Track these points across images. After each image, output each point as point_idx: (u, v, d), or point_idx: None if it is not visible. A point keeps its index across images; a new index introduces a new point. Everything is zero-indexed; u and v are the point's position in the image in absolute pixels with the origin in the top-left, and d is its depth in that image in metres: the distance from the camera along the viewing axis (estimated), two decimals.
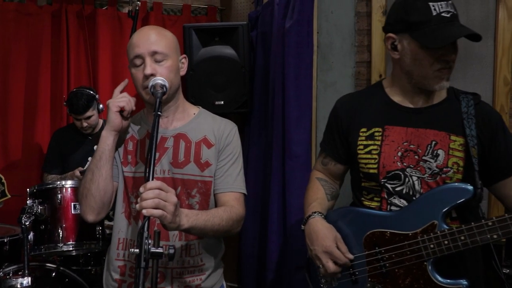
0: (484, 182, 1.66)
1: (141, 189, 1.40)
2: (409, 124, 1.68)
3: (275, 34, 3.05)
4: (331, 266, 1.68)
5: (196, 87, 3.26)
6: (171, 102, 1.76)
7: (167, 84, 1.64)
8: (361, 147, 1.75)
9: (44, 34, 3.37)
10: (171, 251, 1.40)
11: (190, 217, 1.55)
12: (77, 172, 2.90)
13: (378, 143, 1.71)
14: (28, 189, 2.45)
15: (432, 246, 1.57)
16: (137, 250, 1.35)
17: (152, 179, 1.43)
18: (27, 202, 2.37)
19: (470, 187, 1.58)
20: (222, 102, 3.30)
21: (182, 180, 1.72)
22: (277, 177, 3.06)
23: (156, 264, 1.38)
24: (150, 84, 1.63)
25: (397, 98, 1.74)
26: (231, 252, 3.69)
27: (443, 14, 1.55)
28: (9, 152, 3.36)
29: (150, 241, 1.35)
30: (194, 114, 1.84)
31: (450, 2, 1.58)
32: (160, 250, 1.36)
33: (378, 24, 2.73)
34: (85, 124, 3.08)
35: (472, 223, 1.53)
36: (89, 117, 3.06)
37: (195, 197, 1.73)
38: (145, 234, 1.35)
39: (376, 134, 1.72)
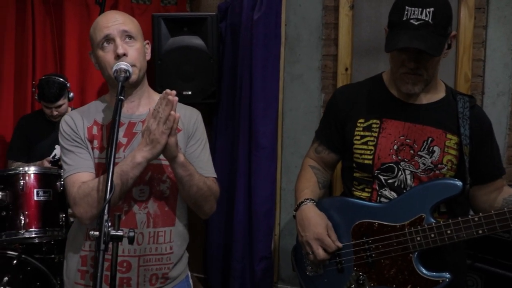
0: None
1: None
2: (407, 119, 1.71)
3: (244, 26, 3.06)
4: (321, 253, 1.69)
5: (164, 77, 3.25)
6: (139, 86, 1.74)
7: (130, 70, 1.63)
8: (358, 137, 1.76)
9: (8, 19, 3.27)
10: (131, 234, 1.40)
11: (184, 156, 1.63)
12: (46, 163, 2.85)
13: (375, 134, 1.73)
14: None
15: (418, 238, 1.61)
16: (97, 233, 1.35)
17: (114, 165, 1.42)
18: None
19: (459, 183, 1.61)
20: (190, 93, 3.29)
21: (152, 165, 1.69)
22: (243, 168, 3.09)
23: (116, 247, 1.38)
24: (114, 68, 1.61)
25: (395, 92, 1.75)
26: (197, 243, 3.69)
27: (411, 21, 1.55)
28: None
29: (109, 224, 1.35)
30: None
31: (430, 10, 1.55)
32: (120, 233, 1.35)
33: (345, 18, 2.78)
34: (55, 113, 3.03)
35: (459, 218, 1.57)
36: (60, 106, 3.02)
37: (165, 182, 1.73)
38: (105, 217, 1.35)
39: (374, 126, 1.74)
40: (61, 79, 3.02)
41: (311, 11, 2.89)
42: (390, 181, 1.71)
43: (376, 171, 1.72)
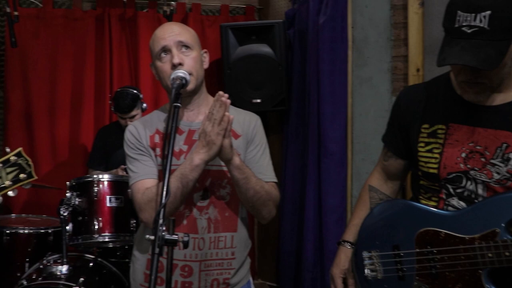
0: None
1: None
2: (477, 123, 1.54)
3: (310, 31, 3.04)
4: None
5: (233, 86, 3.31)
6: (197, 95, 1.77)
7: (187, 77, 1.65)
8: (422, 144, 1.63)
9: (88, 37, 3.54)
10: (186, 238, 1.42)
11: (240, 159, 1.66)
12: (120, 171, 2.99)
13: (441, 141, 1.59)
14: (67, 183, 2.56)
15: (490, 255, 1.45)
16: (152, 237, 1.38)
17: (170, 170, 1.45)
18: (66, 194, 2.48)
19: None
20: (259, 100, 3.33)
21: (212, 172, 1.72)
22: (313, 175, 3.04)
23: (171, 251, 1.40)
24: (172, 76, 1.65)
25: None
26: (270, 251, 3.69)
27: (463, 29, 1.40)
28: (56, 149, 3.54)
29: (164, 228, 1.37)
30: None
31: (486, 14, 1.37)
32: (174, 237, 1.37)
33: (415, 17, 2.65)
34: (129, 123, 3.17)
35: None
36: (133, 116, 3.16)
37: (226, 188, 1.74)
38: (160, 221, 1.38)
39: (439, 131, 1.60)
40: (134, 91, 3.15)
41: (378, 11, 2.78)
42: (458, 190, 1.57)
43: (442, 180, 1.58)
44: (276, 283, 3.60)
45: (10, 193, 1.77)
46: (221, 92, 1.57)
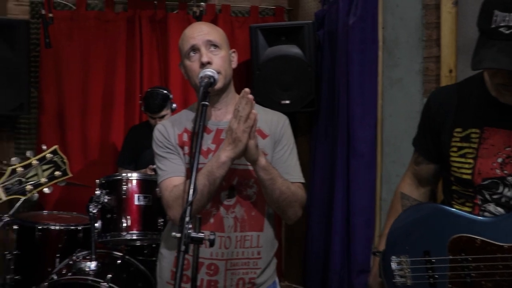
0: None
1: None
2: None
3: (340, 31, 3.02)
4: None
5: (262, 87, 3.30)
6: (225, 93, 1.77)
7: (215, 76, 1.65)
8: (455, 149, 1.57)
9: (120, 38, 3.61)
10: (212, 237, 1.41)
11: (266, 160, 1.65)
12: (148, 171, 3.02)
13: (475, 146, 1.52)
14: (97, 181, 2.60)
15: None
16: (178, 234, 1.38)
17: (197, 168, 1.45)
18: (96, 192, 2.51)
19: None
20: (288, 102, 3.32)
21: (239, 171, 1.72)
22: (342, 176, 3.01)
23: (197, 249, 1.40)
24: (200, 75, 1.65)
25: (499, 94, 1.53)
26: (296, 252, 3.66)
27: (501, 29, 1.33)
28: (87, 148, 3.62)
29: (190, 226, 1.37)
30: None
31: None
32: (200, 235, 1.37)
33: (448, 16, 2.59)
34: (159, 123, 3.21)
35: None
36: (163, 116, 3.19)
37: (252, 187, 1.74)
38: (186, 219, 1.38)
39: (473, 135, 1.53)
40: (165, 91, 3.18)
41: (409, 11, 2.73)
42: (495, 196, 1.50)
43: (477, 187, 1.52)
44: (302, 285, 3.57)
45: (46, 190, 1.80)
46: (247, 89, 1.57)
